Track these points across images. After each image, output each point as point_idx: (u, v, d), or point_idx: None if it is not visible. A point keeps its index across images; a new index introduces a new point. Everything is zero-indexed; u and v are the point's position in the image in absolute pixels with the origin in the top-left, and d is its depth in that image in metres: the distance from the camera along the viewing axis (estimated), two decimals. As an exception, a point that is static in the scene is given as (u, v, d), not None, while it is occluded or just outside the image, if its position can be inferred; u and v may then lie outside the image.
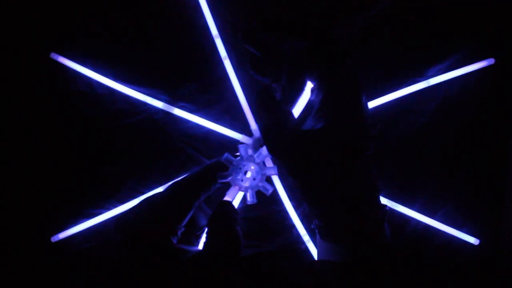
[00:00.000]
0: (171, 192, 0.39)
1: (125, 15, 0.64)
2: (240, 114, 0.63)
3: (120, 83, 0.63)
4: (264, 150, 0.42)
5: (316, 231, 0.39)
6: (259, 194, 0.43)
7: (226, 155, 0.42)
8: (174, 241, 0.37)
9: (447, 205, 0.66)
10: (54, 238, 0.63)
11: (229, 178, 0.41)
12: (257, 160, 0.42)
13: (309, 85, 0.40)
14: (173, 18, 0.64)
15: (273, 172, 0.43)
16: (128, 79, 0.64)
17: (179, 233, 0.38)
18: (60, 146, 0.65)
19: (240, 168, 0.42)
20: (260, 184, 0.42)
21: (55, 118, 0.65)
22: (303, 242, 0.63)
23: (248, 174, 0.42)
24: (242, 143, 0.62)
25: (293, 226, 0.63)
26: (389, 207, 0.45)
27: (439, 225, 0.64)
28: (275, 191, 0.62)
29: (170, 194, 0.39)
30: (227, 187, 0.42)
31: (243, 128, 0.64)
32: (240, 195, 0.61)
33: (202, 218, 0.42)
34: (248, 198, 0.42)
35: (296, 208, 0.63)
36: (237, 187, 0.42)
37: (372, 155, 0.37)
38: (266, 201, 0.64)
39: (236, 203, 0.62)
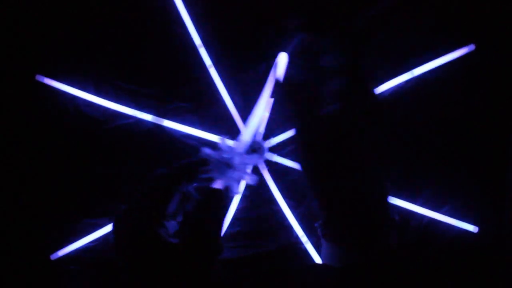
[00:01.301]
0: (151, 184, 0.40)
1: (110, 30, 0.65)
2: (229, 118, 0.64)
3: (107, 99, 0.64)
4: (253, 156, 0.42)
5: (319, 230, 0.39)
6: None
7: (204, 149, 0.41)
8: (162, 231, 0.37)
9: (450, 200, 0.66)
10: (54, 256, 0.64)
11: (212, 173, 0.41)
12: (248, 161, 0.42)
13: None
14: (157, 30, 0.65)
15: (255, 161, 0.42)
16: (116, 92, 0.65)
17: (167, 224, 0.38)
18: (54, 157, 0.66)
19: (221, 161, 0.41)
20: (243, 174, 0.42)
21: (43, 127, 0.66)
22: (302, 242, 0.63)
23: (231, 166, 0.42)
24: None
25: (292, 226, 0.64)
26: (398, 217, 0.46)
27: (440, 216, 0.64)
28: (270, 193, 0.62)
29: (149, 186, 0.40)
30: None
31: (234, 131, 0.64)
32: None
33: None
34: (234, 190, 0.42)
35: (293, 208, 0.63)
36: (220, 180, 0.41)
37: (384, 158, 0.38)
38: (265, 201, 0.64)
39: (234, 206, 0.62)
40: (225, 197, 0.39)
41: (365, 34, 0.64)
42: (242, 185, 0.57)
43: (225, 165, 0.41)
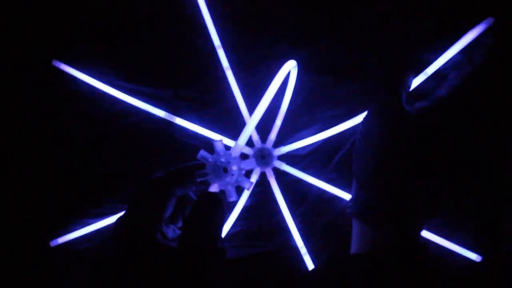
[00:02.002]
0: (147, 188, 0.39)
1: (128, 23, 0.65)
2: (242, 123, 0.64)
3: (120, 91, 0.64)
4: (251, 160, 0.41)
5: (351, 210, 0.43)
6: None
7: (201, 152, 0.40)
8: (159, 236, 0.37)
9: (453, 227, 0.65)
10: (53, 243, 0.64)
11: (208, 176, 0.40)
12: (245, 167, 0.41)
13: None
14: (177, 28, 0.65)
15: (251, 166, 0.42)
16: (129, 85, 0.65)
17: (165, 229, 0.38)
18: (59, 148, 0.66)
19: (217, 165, 0.41)
20: (239, 179, 0.41)
21: (54, 121, 0.65)
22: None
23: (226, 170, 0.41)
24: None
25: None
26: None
27: (442, 241, 0.63)
28: (272, 195, 0.62)
29: (146, 190, 0.39)
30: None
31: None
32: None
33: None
34: (230, 195, 0.41)
35: (293, 213, 0.63)
36: (216, 185, 0.41)
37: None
38: (266, 201, 0.64)
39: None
40: (221, 201, 0.38)
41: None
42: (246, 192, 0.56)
43: (222, 170, 0.41)
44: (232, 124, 0.65)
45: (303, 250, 0.62)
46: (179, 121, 0.64)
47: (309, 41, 0.64)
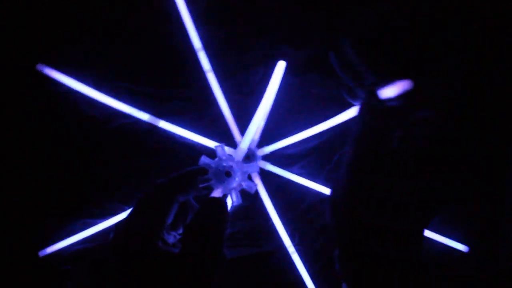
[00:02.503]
0: (149, 195, 0.39)
1: (112, 27, 0.65)
2: (224, 125, 0.64)
3: (105, 94, 0.64)
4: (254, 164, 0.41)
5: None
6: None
7: (202, 158, 0.40)
8: (160, 243, 0.36)
9: (439, 217, 0.66)
10: (51, 248, 0.64)
11: (211, 182, 0.40)
12: (246, 169, 0.41)
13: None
14: (158, 30, 0.65)
15: (254, 169, 0.42)
16: (114, 87, 0.65)
17: (166, 236, 0.37)
18: (58, 148, 0.65)
19: (220, 170, 0.41)
20: (243, 183, 0.41)
21: (53, 120, 0.65)
22: (299, 244, 0.64)
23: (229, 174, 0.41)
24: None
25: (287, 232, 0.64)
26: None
27: (429, 233, 0.64)
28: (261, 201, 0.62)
29: (148, 197, 0.38)
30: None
31: (228, 139, 0.64)
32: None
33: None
34: (233, 199, 0.41)
35: (282, 215, 0.63)
36: (219, 190, 0.40)
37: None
38: (263, 202, 0.64)
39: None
40: (225, 205, 0.38)
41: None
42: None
43: (224, 174, 0.40)
44: (218, 125, 0.65)
45: (291, 249, 0.62)
46: (163, 124, 0.64)
47: (301, 42, 0.65)
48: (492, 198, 0.67)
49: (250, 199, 0.64)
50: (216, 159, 0.41)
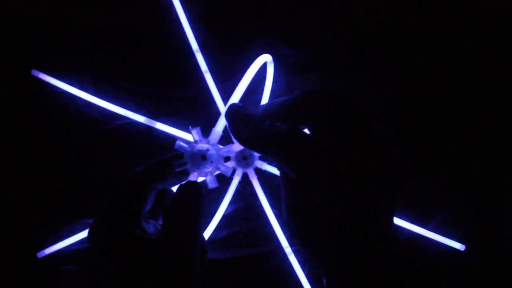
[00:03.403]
0: (126, 184, 0.39)
1: (110, 27, 0.65)
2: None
3: (101, 96, 0.64)
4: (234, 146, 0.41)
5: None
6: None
7: (177, 142, 0.40)
8: (138, 231, 0.36)
9: (437, 215, 0.66)
10: (41, 254, 0.64)
11: (187, 166, 0.39)
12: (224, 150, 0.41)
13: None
14: (157, 31, 0.65)
15: (230, 153, 0.41)
16: (112, 88, 0.65)
17: (145, 225, 0.37)
18: (56, 149, 0.66)
19: (195, 153, 0.40)
20: (219, 166, 0.41)
21: (42, 125, 0.65)
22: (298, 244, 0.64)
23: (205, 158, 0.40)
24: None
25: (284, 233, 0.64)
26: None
27: (425, 232, 0.64)
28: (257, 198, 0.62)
29: (124, 186, 0.39)
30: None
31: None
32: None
33: None
34: (209, 182, 0.40)
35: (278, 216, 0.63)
36: (196, 173, 0.40)
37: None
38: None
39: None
40: (200, 188, 0.37)
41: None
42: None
43: (200, 158, 0.40)
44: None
45: (287, 249, 0.62)
46: (160, 126, 0.64)
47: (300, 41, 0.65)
48: (489, 197, 0.67)
49: (250, 199, 0.65)
50: (192, 142, 0.40)
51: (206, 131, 0.64)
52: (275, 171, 0.63)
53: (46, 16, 0.64)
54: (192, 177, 0.40)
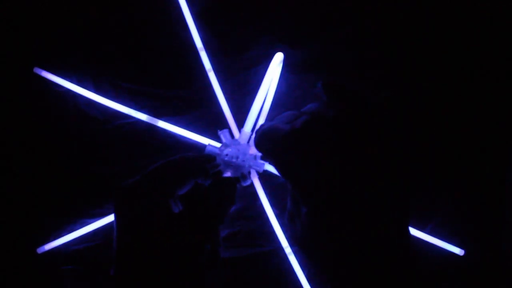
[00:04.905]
0: (183, 159, 0.40)
1: (112, 26, 0.65)
2: (225, 125, 0.64)
3: (102, 96, 0.64)
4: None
5: None
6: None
7: (208, 145, 0.43)
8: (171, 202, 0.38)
9: (435, 219, 0.66)
10: (40, 250, 0.64)
11: (220, 167, 0.41)
12: (241, 142, 0.43)
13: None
14: (158, 30, 0.65)
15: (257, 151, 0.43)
16: (114, 87, 0.65)
17: (173, 205, 0.39)
18: (49, 151, 0.65)
19: (227, 154, 0.43)
20: (251, 163, 0.43)
21: (42, 124, 0.65)
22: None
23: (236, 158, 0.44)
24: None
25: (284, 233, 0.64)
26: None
27: (424, 236, 0.64)
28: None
29: (182, 160, 0.40)
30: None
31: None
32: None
33: None
34: (244, 180, 0.43)
35: (279, 216, 0.63)
36: (229, 173, 0.43)
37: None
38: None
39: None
40: (234, 184, 0.41)
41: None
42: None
43: (232, 159, 0.43)
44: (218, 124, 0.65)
45: (287, 249, 0.62)
46: (162, 124, 0.64)
47: (302, 40, 0.65)
48: (488, 200, 0.67)
49: (250, 199, 0.65)
50: (222, 145, 0.43)
51: (207, 131, 0.65)
52: (275, 171, 0.63)
53: (47, 15, 0.64)
54: (226, 174, 0.43)
